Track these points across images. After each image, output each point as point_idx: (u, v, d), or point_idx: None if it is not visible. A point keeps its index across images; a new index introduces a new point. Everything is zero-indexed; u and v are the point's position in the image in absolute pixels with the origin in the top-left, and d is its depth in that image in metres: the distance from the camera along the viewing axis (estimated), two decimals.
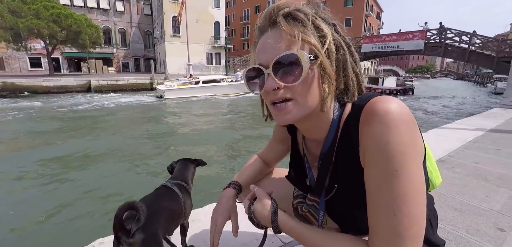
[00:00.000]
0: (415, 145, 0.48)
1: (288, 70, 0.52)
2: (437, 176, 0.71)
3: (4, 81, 15.33)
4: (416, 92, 24.79)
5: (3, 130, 7.87)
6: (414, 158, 0.48)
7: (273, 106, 0.58)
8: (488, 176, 2.12)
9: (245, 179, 0.91)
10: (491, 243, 1.28)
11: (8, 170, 4.75)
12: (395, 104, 0.48)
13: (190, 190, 1.12)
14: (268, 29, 0.56)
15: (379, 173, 0.48)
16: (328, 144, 0.61)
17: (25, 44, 19.55)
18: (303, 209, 0.74)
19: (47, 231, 3.08)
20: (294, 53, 0.51)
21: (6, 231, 3.04)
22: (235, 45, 46.86)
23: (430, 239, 0.65)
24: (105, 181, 4.37)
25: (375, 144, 0.48)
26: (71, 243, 2.88)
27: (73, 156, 5.57)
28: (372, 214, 0.51)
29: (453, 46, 17.37)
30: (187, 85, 15.64)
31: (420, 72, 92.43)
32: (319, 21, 0.54)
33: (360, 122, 0.52)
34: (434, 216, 0.71)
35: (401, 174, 0.46)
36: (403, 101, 0.51)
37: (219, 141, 7.00)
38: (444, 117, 11.99)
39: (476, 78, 49.90)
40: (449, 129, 3.94)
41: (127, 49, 33.63)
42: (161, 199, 0.93)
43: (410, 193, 0.47)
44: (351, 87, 0.57)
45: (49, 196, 3.90)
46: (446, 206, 1.64)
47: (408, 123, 0.48)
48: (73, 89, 17.25)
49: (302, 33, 0.51)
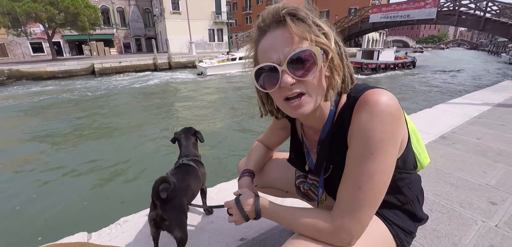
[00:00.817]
0: (394, 137, 0.56)
1: (303, 65, 0.56)
2: (425, 157, 0.78)
3: (10, 68, 15.49)
4: (423, 64, 23.62)
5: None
6: (390, 147, 0.56)
7: (286, 102, 0.61)
8: (488, 152, 2.16)
9: (254, 165, 0.98)
10: (482, 215, 1.37)
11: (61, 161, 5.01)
12: (385, 97, 0.55)
13: (200, 159, 1.36)
14: (274, 28, 0.59)
15: (357, 152, 0.58)
16: (326, 132, 0.69)
17: (24, 29, 19.45)
18: (305, 187, 0.83)
19: (85, 210, 3.33)
20: (309, 49, 0.55)
21: (39, 210, 3.30)
22: (237, 20, 45.47)
23: (416, 214, 0.75)
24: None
25: (360, 128, 0.57)
26: (99, 221, 3.13)
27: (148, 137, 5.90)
28: (342, 186, 0.62)
29: (468, 14, 16.54)
30: (225, 61, 16.89)
31: (432, 42, 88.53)
32: (318, 20, 0.58)
33: (353, 111, 0.59)
34: (421, 193, 0.79)
35: (375, 157, 0.56)
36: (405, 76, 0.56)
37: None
38: (451, 90, 11.73)
39: (491, 47, 47.77)
40: (455, 104, 3.92)
41: (127, 29, 33.07)
42: (188, 176, 1.20)
43: (378, 174, 0.57)
44: (346, 78, 0.63)
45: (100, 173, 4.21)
46: (443, 181, 1.71)
47: (393, 116, 0.55)
48: (77, 73, 17.35)
49: (313, 33, 0.56)
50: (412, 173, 0.72)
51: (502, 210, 1.41)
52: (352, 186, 0.58)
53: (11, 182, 4.04)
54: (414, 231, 0.75)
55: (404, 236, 0.72)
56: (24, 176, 4.23)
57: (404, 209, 0.73)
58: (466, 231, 1.25)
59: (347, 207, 0.59)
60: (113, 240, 1.26)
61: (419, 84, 13.75)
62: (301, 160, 0.85)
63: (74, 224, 3.02)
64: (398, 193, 0.70)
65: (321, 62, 0.57)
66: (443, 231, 1.25)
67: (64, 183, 3.98)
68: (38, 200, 3.54)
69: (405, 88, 12.51)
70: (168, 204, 0.99)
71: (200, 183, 1.28)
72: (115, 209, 3.27)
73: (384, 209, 0.71)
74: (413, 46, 64.57)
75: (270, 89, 0.62)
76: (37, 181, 4.05)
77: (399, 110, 0.56)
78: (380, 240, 0.68)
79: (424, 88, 12.46)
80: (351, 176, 0.59)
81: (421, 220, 0.76)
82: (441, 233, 1.24)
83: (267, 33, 0.60)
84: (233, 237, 1.25)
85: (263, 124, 6.26)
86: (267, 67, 0.59)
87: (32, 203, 3.48)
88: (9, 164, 4.70)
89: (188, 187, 1.15)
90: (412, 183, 0.72)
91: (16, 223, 3.08)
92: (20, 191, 3.79)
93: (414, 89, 12.25)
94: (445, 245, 1.17)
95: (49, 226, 3.02)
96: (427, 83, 14.22)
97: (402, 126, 0.59)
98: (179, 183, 1.09)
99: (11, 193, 3.74)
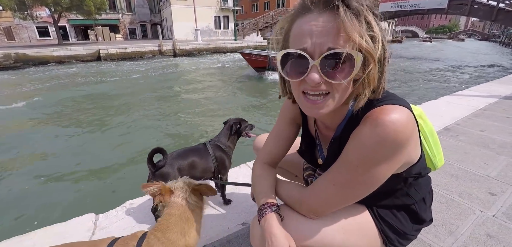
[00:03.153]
0: (391, 161, 0.54)
1: (336, 67, 0.49)
2: (440, 159, 0.79)
3: (16, 52, 15.63)
4: (425, 56, 22.67)
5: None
6: (381, 168, 0.55)
7: (304, 96, 0.56)
8: (491, 144, 2.16)
9: (272, 194, 0.77)
10: (480, 206, 1.39)
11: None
12: (397, 120, 0.51)
13: (228, 149, 1.41)
14: (319, 10, 0.49)
15: (347, 156, 0.59)
16: (340, 131, 0.67)
17: (30, 12, 19.47)
18: (313, 181, 0.80)
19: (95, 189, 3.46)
20: (350, 52, 0.47)
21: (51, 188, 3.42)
22: (243, 7, 44.60)
23: (420, 215, 0.73)
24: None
25: (359, 139, 0.55)
26: (107, 202, 3.23)
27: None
28: (324, 174, 0.65)
29: (480, 3, 15.97)
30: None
31: (442, 32, 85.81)
32: (369, 15, 0.49)
33: (362, 119, 0.56)
34: (429, 194, 0.78)
35: (358, 171, 0.57)
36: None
37: None
38: (459, 82, 11.48)
39: (503, 38, 46.24)
40: (460, 96, 3.86)
41: (132, 14, 32.84)
42: (192, 153, 1.30)
43: (351, 185, 0.59)
44: (377, 91, 0.56)
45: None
46: (444, 173, 1.72)
47: (397, 143, 0.52)
48: (83, 58, 17.42)
49: (360, 34, 0.48)
50: (420, 177, 0.70)
51: (501, 201, 1.42)
52: (329, 180, 0.62)
53: (26, 163, 4.17)
54: (409, 233, 0.72)
55: (394, 235, 0.71)
56: (39, 156, 4.36)
57: (406, 209, 0.72)
58: (463, 220, 1.28)
59: (314, 193, 0.65)
60: (119, 221, 1.32)
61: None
62: (311, 153, 0.82)
63: (83, 206, 3.14)
64: (402, 195, 0.70)
65: (358, 70, 0.50)
66: (440, 220, 1.28)
67: (74, 166, 4.10)
68: (49, 181, 3.67)
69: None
70: (158, 171, 1.15)
71: (207, 165, 1.33)
72: (122, 192, 3.38)
73: (379, 207, 0.71)
74: (422, 37, 62.60)
75: (292, 78, 0.55)
76: (49, 162, 4.18)
77: (407, 134, 0.52)
78: (358, 227, 0.69)
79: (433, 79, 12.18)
80: (333, 171, 0.62)
81: (423, 222, 0.75)
82: (438, 222, 1.26)
83: (309, 13, 0.51)
84: (235, 221, 1.30)
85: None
86: (296, 54, 0.52)
87: (43, 184, 3.60)
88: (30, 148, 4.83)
89: (187, 162, 1.26)
90: (419, 185, 0.71)
91: (26, 203, 3.21)
92: (31, 171, 3.92)
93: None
94: (442, 232, 1.20)
95: (58, 207, 3.14)
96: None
97: (407, 149, 0.55)
98: (178, 157, 1.23)
99: (24, 171, 3.88)
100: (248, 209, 1.38)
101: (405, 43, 42.30)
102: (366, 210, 0.72)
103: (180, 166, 1.23)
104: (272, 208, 0.69)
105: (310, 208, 0.66)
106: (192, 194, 0.86)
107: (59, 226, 1.29)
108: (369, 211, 0.72)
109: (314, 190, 0.66)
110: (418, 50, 29.47)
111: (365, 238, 0.70)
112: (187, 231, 0.80)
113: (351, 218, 0.69)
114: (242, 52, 10.96)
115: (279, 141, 0.85)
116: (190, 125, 5.89)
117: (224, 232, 1.23)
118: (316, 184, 0.66)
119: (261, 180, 0.79)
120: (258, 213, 0.71)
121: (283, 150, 0.86)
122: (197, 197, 0.88)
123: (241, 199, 1.46)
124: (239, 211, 1.37)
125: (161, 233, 0.76)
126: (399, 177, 0.64)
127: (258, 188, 0.78)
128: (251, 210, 1.37)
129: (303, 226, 0.66)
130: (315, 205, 0.65)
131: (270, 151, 0.85)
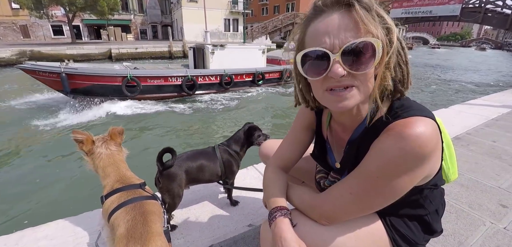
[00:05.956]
0: (412, 174, 0.54)
1: (358, 58, 0.51)
2: (454, 172, 0.77)
3: (32, 49, 16.18)
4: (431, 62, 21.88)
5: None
6: (402, 180, 0.54)
7: (330, 92, 0.57)
8: (503, 155, 2.11)
9: (283, 198, 0.76)
10: (491, 218, 1.36)
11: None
12: (422, 133, 0.50)
13: (236, 155, 1.39)
14: (333, 10, 0.53)
15: (367, 166, 0.58)
16: (358, 133, 0.66)
17: (46, 11, 20.11)
18: (326, 184, 0.80)
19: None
20: (370, 42, 0.50)
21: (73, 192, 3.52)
22: (253, 10, 44.91)
23: (431, 226, 0.72)
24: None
25: (382, 150, 0.55)
26: None
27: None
28: (340, 180, 0.65)
29: (494, 11, 15.60)
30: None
31: (454, 40, 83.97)
32: (380, 10, 0.53)
33: (385, 129, 0.56)
34: (442, 206, 0.77)
35: (378, 183, 0.57)
36: None
37: None
38: (470, 91, 11.22)
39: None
40: (472, 106, 3.79)
41: (144, 15, 33.51)
42: (201, 156, 1.30)
43: (369, 196, 0.59)
44: (401, 82, 0.57)
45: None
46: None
47: (419, 157, 0.51)
48: (95, 57, 17.88)
49: (377, 26, 0.50)
50: (435, 188, 0.70)
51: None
52: (346, 188, 0.62)
53: (39, 156, 4.30)
54: (420, 243, 0.72)
55: (405, 244, 0.71)
56: (53, 150, 4.49)
57: (419, 220, 0.72)
58: (473, 231, 1.26)
59: (331, 200, 0.65)
60: None
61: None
62: (324, 156, 0.83)
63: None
64: (417, 206, 0.69)
65: (379, 58, 0.51)
66: (450, 230, 1.26)
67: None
68: (61, 173, 3.77)
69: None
70: (165, 170, 1.16)
71: (215, 168, 1.31)
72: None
73: (392, 216, 0.70)
74: (431, 43, 61.31)
75: (314, 77, 0.57)
76: (64, 155, 4.30)
77: (432, 147, 0.52)
78: (369, 234, 0.68)
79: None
80: (351, 179, 0.62)
81: (434, 232, 0.74)
82: (447, 232, 1.24)
83: (324, 14, 0.54)
84: (242, 222, 1.31)
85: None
86: (315, 54, 0.54)
87: (56, 176, 3.71)
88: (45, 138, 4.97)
89: (195, 165, 1.27)
90: (434, 196, 0.71)
91: (39, 197, 3.31)
92: (45, 164, 4.04)
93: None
94: (451, 243, 1.18)
95: (70, 201, 3.22)
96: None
97: (430, 162, 0.54)
98: (187, 159, 1.24)
99: (38, 165, 4.00)
100: (255, 211, 1.39)
101: (415, 51, 41.49)
102: (378, 218, 0.71)
103: (188, 168, 1.23)
104: (283, 212, 0.68)
105: (323, 214, 0.66)
106: (111, 142, 1.06)
107: (72, 219, 1.34)
108: (381, 220, 0.71)
109: (329, 197, 0.66)
110: (429, 58, 28.91)
111: (376, 246, 0.70)
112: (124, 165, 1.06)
113: (363, 225, 0.68)
114: (22, 66, 6.58)
115: (293, 145, 0.86)
116: (196, 125, 5.95)
117: (231, 232, 1.24)
118: (332, 190, 0.66)
119: (272, 184, 0.79)
120: (269, 217, 0.71)
121: (297, 156, 0.86)
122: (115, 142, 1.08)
123: (248, 201, 1.48)
124: (246, 212, 1.38)
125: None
126: (415, 187, 0.63)
127: (269, 192, 0.77)
128: (258, 212, 1.38)
129: (316, 231, 0.66)
130: (330, 211, 0.65)
131: (284, 155, 0.86)
